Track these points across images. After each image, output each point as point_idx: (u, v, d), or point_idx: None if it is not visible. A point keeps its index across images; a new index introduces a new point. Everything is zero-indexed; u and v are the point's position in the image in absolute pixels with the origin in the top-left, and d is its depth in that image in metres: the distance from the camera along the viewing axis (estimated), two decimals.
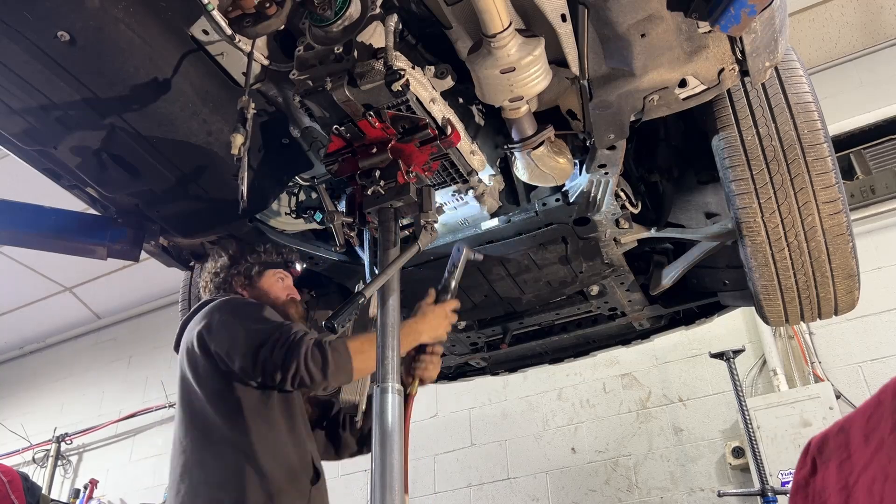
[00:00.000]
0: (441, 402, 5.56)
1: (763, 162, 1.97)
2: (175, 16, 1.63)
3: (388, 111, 1.62)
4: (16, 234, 2.17)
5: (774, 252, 2.04)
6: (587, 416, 4.96)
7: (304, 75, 1.57)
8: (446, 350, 3.05)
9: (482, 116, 1.96)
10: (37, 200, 2.16)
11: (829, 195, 1.96)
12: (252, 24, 1.52)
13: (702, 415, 4.60)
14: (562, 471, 4.87)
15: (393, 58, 1.49)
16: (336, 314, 1.43)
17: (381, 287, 1.52)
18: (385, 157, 1.64)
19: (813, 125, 1.96)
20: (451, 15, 1.58)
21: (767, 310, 2.24)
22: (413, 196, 1.63)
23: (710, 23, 1.49)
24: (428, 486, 5.29)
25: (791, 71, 2.05)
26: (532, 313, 2.77)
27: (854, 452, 0.99)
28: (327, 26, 1.53)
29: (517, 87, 1.59)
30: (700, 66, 1.64)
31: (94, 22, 1.54)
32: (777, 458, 3.92)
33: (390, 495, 1.28)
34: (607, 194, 2.11)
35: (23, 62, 1.58)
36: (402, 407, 1.40)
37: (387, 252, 1.59)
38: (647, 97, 1.71)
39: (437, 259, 2.39)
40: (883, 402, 0.97)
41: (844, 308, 2.23)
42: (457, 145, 1.75)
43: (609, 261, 2.43)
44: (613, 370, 4.99)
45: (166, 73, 1.68)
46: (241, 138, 1.52)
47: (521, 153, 1.88)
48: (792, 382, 4.33)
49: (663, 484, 4.51)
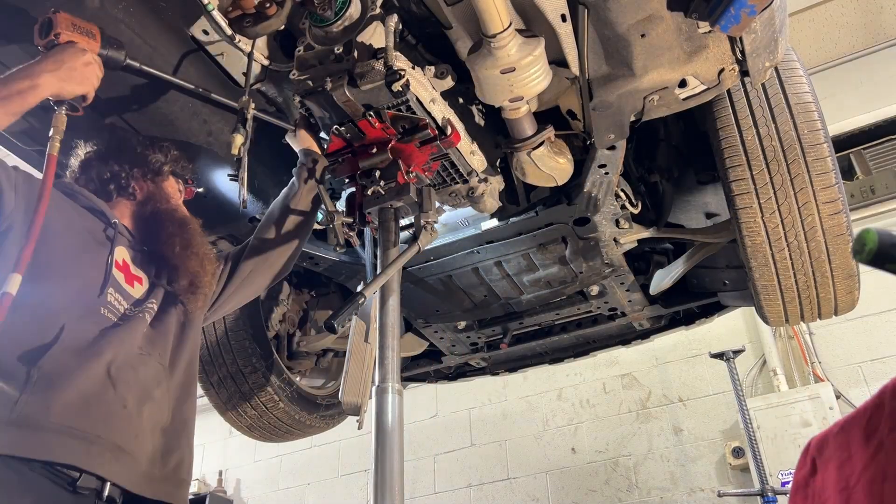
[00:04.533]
0: (441, 402, 5.56)
1: (763, 162, 1.97)
2: (175, 16, 1.64)
3: (388, 111, 1.62)
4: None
5: (774, 252, 2.04)
6: (587, 416, 4.96)
7: (304, 75, 1.57)
8: (446, 350, 3.05)
9: (482, 116, 1.96)
10: None
11: (829, 195, 1.96)
12: (252, 24, 1.53)
13: (702, 415, 4.60)
14: (562, 471, 4.87)
15: (393, 58, 1.49)
16: (336, 314, 1.43)
17: (381, 287, 1.52)
18: (385, 158, 1.65)
19: (813, 125, 1.96)
20: (451, 15, 1.58)
21: (767, 310, 2.24)
22: (413, 196, 1.63)
23: (710, 23, 1.49)
24: (428, 486, 5.29)
25: (791, 71, 2.05)
26: (532, 313, 2.77)
27: (854, 453, 0.99)
28: (327, 26, 1.53)
29: (517, 88, 1.59)
30: (700, 66, 1.64)
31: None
32: (777, 458, 3.93)
33: (390, 495, 1.28)
34: (607, 194, 2.11)
35: (23, 62, 1.58)
36: (401, 407, 1.40)
37: (387, 252, 1.59)
38: (647, 97, 1.71)
39: (437, 259, 2.39)
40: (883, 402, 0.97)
41: (844, 308, 2.23)
42: (457, 145, 1.75)
43: (609, 261, 2.43)
44: (613, 370, 4.99)
45: (166, 73, 1.68)
46: (241, 138, 1.52)
47: (521, 153, 1.88)
48: (792, 382, 4.33)
49: (663, 484, 4.51)
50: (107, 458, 1.33)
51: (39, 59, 1.45)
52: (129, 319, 1.52)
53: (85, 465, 1.29)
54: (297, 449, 5.84)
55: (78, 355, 1.37)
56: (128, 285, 1.57)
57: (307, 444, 5.77)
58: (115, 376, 1.41)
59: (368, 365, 1.70)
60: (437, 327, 2.85)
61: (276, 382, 2.79)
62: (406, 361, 3.18)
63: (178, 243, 1.65)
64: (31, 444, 1.25)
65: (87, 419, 1.32)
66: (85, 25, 1.52)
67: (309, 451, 5.89)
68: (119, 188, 1.70)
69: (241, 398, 2.78)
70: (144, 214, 1.71)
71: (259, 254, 1.87)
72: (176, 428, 1.54)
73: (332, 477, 5.77)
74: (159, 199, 1.74)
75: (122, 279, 1.56)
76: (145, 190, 1.74)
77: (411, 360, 3.18)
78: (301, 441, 3.53)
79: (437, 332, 2.89)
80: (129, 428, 1.40)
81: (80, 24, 1.51)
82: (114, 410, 1.38)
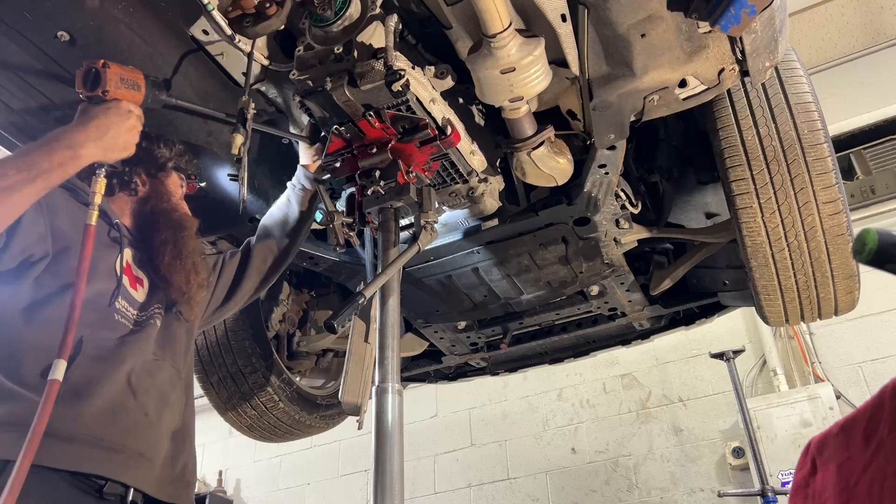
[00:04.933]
0: (441, 402, 5.56)
1: (763, 162, 1.97)
2: (175, 16, 1.63)
3: (388, 111, 1.62)
4: None
5: (774, 252, 2.04)
6: (587, 417, 4.96)
7: (304, 75, 1.57)
8: (446, 350, 3.05)
9: (482, 116, 1.96)
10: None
11: (829, 195, 1.96)
12: (252, 24, 1.52)
13: (702, 415, 4.60)
14: (562, 471, 4.87)
15: (393, 58, 1.49)
16: (336, 314, 1.43)
17: (381, 287, 1.52)
18: (385, 158, 1.64)
19: (813, 125, 1.96)
20: (451, 15, 1.58)
21: (767, 310, 2.24)
22: (413, 196, 1.63)
23: (710, 23, 1.48)
24: (428, 486, 5.29)
25: (791, 71, 2.05)
26: (532, 313, 2.77)
27: (854, 453, 0.99)
28: (327, 26, 1.52)
29: (517, 88, 1.59)
30: (700, 66, 1.64)
31: (94, 22, 1.54)
32: (777, 458, 3.92)
33: (390, 495, 1.28)
34: (607, 194, 2.11)
35: (23, 62, 1.59)
36: (401, 407, 1.40)
37: (387, 252, 1.59)
38: (647, 97, 1.71)
39: (437, 259, 2.39)
40: (883, 402, 0.97)
41: (844, 308, 2.23)
42: (457, 145, 1.75)
43: (609, 261, 2.43)
44: (613, 370, 4.99)
45: (166, 73, 1.68)
46: (241, 138, 1.52)
47: (521, 153, 1.88)
48: (792, 383, 4.33)
49: (663, 484, 4.51)
50: (130, 465, 1.38)
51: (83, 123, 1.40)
52: (143, 326, 1.55)
53: (111, 474, 1.34)
54: (297, 449, 5.84)
55: (101, 364, 1.41)
56: (132, 289, 1.58)
57: (307, 444, 5.77)
58: (135, 384, 1.45)
59: (368, 365, 1.70)
60: (437, 327, 2.85)
61: (275, 382, 2.79)
62: (406, 361, 3.18)
63: (168, 253, 1.63)
64: (60, 455, 1.29)
65: (112, 429, 1.37)
66: (131, 76, 1.45)
67: (309, 451, 5.89)
68: (122, 183, 1.68)
69: (241, 398, 2.78)
70: (144, 213, 1.70)
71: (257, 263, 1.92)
72: (182, 431, 1.57)
73: (332, 477, 5.77)
74: (160, 197, 1.72)
75: (127, 283, 1.57)
76: (148, 186, 1.72)
77: (411, 360, 3.18)
78: (301, 441, 3.53)
79: (437, 332, 2.89)
80: (150, 435, 1.45)
81: (128, 75, 1.45)
82: (136, 419, 1.43)
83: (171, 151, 1.76)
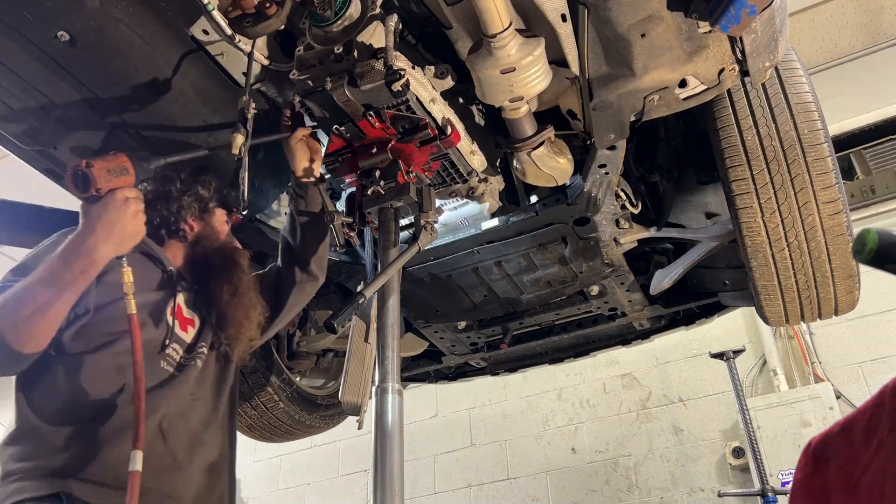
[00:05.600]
0: (441, 402, 5.56)
1: (763, 162, 1.97)
2: (175, 16, 1.63)
3: (388, 111, 1.62)
4: (15, 234, 2.17)
5: (774, 252, 2.04)
6: (587, 416, 4.96)
7: (304, 75, 1.57)
8: (446, 350, 3.05)
9: (482, 116, 1.96)
10: (37, 200, 2.16)
11: (830, 195, 1.96)
12: (252, 24, 1.52)
13: (702, 415, 4.60)
14: (562, 471, 4.87)
15: (393, 58, 1.49)
16: (336, 314, 1.43)
17: (381, 287, 1.52)
18: (385, 157, 1.65)
19: (813, 125, 1.96)
20: (451, 15, 1.57)
21: (767, 310, 2.24)
22: (413, 196, 1.63)
23: (710, 23, 1.48)
24: (428, 486, 5.29)
25: (791, 71, 2.05)
26: (532, 313, 2.77)
27: (855, 453, 0.99)
28: (327, 26, 1.52)
29: (517, 88, 1.59)
30: (700, 66, 1.64)
31: (94, 22, 1.54)
32: (777, 458, 3.92)
33: (390, 495, 1.28)
34: (607, 194, 2.11)
35: (23, 62, 1.58)
36: (401, 407, 1.40)
37: (387, 252, 1.59)
38: (647, 97, 1.71)
39: (437, 259, 2.39)
40: (883, 401, 0.97)
41: (844, 308, 2.23)
42: (457, 145, 1.75)
43: (609, 261, 2.43)
44: (613, 370, 4.99)
45: (166, 73, 1.68)
46: (241, 138, 1.52)
47: (522, 153, 1.88)
48: (792, 382, 4.33)
49: (663, 484, 4.51)
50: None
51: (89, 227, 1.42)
52: (184, 369, 1.60)
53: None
54: (297, 449, 5.84)
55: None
56: (182, 331, 1.64)
57: (307, 444, 5.77)
58: (165, 429, 1.51)
59: (368, 365, 1.70)
60: (437, 327, 2.85)
61: (276, 382, 2.79)
62: (406, 361, 3.18)
63: (226, 291, 1.70)
64: (91, 493, 1.37)
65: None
66: (116, 164, 1.45)
67: (309, 451, 5.89)
68: (170, 232, 1.75)
69: (241, 398, 2.78)
70: (196, 256, 1.76)
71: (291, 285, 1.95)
72: (219, 464, 1.63)
73: (332, 477, 5.77)
74: (208, 238, 1.78)
75: (178, 326, 1.63)
76: (196, 229, 1.78)
77: (411, 360, 3.18)
78: (301, 441, 3.53)
79: (437, 332, 2.89)
80: (177, 477, 1.52)
81: (113, 164, 1.45)
82: (164, 463, 1.49)
83: (210, 191, 1.81)
